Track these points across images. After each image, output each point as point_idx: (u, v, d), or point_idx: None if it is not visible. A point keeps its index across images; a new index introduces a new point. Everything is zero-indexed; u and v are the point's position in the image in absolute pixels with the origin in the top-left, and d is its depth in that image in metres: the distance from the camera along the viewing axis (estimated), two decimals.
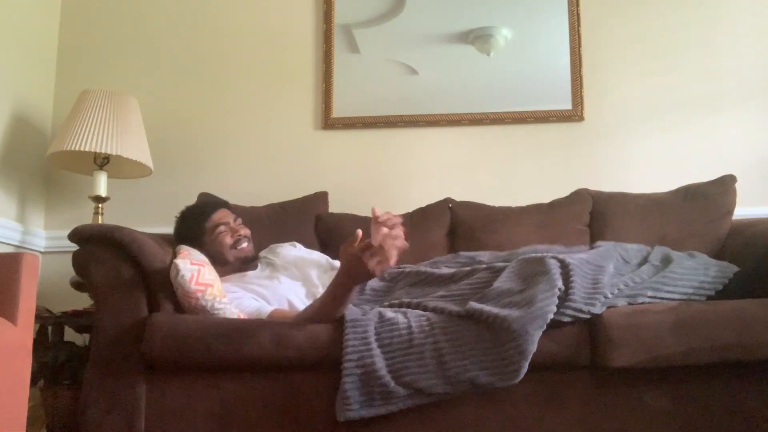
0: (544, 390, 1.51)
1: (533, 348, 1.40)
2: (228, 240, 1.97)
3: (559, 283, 1.49)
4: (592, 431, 1.48)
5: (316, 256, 2.15)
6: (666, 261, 1.72)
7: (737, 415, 1.48)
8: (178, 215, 2.06)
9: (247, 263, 2.00)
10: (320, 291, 1.92)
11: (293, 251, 2.14)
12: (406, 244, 1.44)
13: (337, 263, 2.10)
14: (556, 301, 1.45)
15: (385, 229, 1.41)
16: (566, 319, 1.47)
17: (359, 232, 1.45)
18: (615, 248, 1.77)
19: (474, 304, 1.52)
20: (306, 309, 1.70)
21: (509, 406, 1.50)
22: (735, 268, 1.69)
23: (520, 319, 1.41)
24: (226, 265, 1.95)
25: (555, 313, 1.44)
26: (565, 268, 1.54)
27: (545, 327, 1.41)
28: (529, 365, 1.40)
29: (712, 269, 1.67)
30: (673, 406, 1.48)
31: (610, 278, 1.58)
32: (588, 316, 1.48)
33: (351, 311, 1.60)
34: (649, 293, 1.57)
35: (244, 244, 1.99)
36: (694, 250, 1.87)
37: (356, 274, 1.48)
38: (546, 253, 1.64)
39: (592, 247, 1.84)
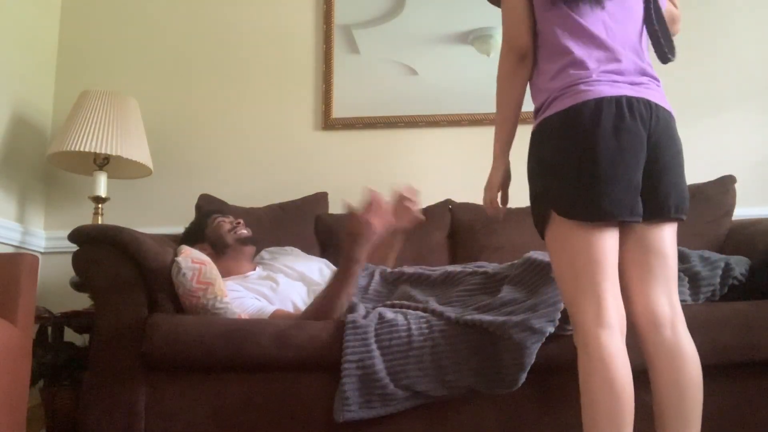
0: (544, 390, 1.51)
1: (531, 360, 1.40)
2: (227, 226, 2.04)
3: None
4: None
5: (315, 258, 2.16)
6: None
7: (738, 416, 1.48)
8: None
9: (246, 244, 2.04)
10: (323, 287, 1.93)
11: (288, 253, 2.15)
12: (420, 217, 1.55)
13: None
14: (559, 316, 1.43)
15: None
16: (568, 333, 1.46)
17: (347, 202, 1.63)
18: None
19: (475, 314, 1.51)
20: (312, 302, 1.72)
21: (509, 406, 1.50)
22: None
23: (519, 333, 1.40)
24: (227, 250, 1.99)
25: (557, 328, 1.43)
26: None
27: (544, 340, 1.41)
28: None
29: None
30: None
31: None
32: None
33: (352, 312, 1.61)
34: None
35: (242, 229, 2.05)
36: (694, 251, 1.86)
37: (356, 233, 1.61)
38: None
39: None
